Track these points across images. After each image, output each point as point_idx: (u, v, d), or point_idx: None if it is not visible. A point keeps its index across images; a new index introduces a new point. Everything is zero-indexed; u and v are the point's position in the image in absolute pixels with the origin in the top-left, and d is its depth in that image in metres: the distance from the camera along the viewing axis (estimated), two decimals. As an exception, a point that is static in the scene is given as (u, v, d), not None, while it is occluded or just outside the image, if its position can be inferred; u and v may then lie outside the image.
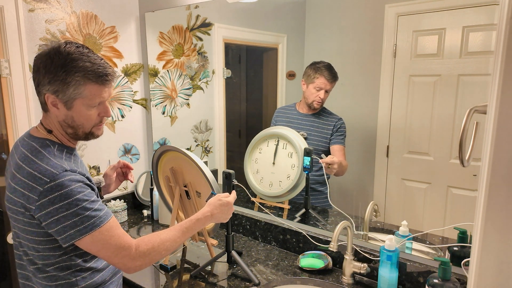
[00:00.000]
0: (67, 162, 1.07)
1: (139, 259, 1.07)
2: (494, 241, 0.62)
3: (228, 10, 1.87)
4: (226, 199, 1.30)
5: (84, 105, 1.07)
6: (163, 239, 1.13)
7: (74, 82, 1.03)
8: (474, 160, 0.76)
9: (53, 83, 1.03)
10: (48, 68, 1.02)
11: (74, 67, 1.02)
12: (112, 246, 1.04)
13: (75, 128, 1.10)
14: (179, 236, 1.17)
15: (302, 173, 1.67)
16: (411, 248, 1.40)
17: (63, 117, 1.08)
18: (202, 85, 2.06)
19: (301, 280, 1.49)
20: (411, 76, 1.38)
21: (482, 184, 0.63)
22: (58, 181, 1.00)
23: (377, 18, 1.42)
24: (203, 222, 1.24)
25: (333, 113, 1.65)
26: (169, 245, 1.14)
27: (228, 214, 1.31)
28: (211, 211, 1.26)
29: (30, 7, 1.77)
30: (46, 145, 1.08)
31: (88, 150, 2.06)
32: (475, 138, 0.75)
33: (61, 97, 1.04)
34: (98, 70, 1.05)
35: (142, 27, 2.23)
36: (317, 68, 1.62)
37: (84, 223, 1.01)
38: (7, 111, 1.77)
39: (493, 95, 0.60)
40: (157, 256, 1.11)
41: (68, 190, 1.00)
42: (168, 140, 2.26)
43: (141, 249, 1.07)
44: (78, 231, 1.01)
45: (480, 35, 1.21)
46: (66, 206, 1.00)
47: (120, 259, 1.05)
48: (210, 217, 1.26)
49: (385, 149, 1.48)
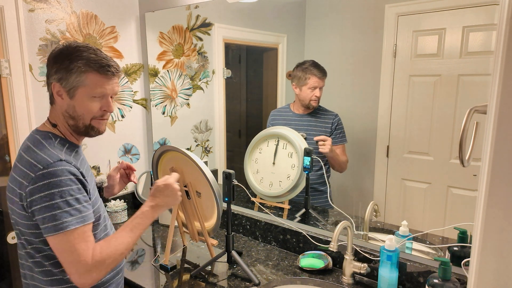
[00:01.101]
0: (66, 155, 1.08)
1: (95, 270, 1.03)
2: (494, 241, 0.62)
3: (228, 10, 1.87)
4: (162, 182, 1.25)
5: (86, 95, 1.09)
6: (115, 243, 1.09)
7: (76, 69, 1.06)
8: (474, 160, 0.76)
9: (58, 71, 1.08)
10: (57, 59, 1.08)
11: (78, 56, 1.07)
12: (76, 252, 1.01)
13: (75, 119, 1.12)
14: (130, 236, 1.13)
15: (302, 173, 1.67)
16: (411, 248, 1.40)
17: (66, 107, 1.11)
18: (202, 85, 2.06)
19: (301, 280, 1.49)
20: (411, 76, 1.38)
21: (482, 184, 0.63)
22: (51, 169, 1.01)
23: (377, 18, 1.42)
24: (150, 212, 1.19)
25: (329, 110, 1.65)
26: (123, 248, 1.10)
27: (173, 195, 1.26)
28: (152, 198, 1.23)
29: (30, 7, 1.77)
30: (48, 137, 1.10)
31: (88, 150, 2.06)
32: (475, 138, 0.75)
33: (65, 85, 1.08)
34: (101, 61, 1.09)
35: (142, 27, 2.23)
36: (305, 69, 1.63)
37: (61, 219, 1.00)
38: (7, 111, 1.77)
39: (493, 95, 0.60)
40: (113, 262, 1.07)
41: (57, 180, 1.00)
42: (168, 140, 2.26)
43: (96, 258, 1.03)
44: (54, 226, 1.00)
45: (480, 35, 1.21)
46: (50, 196, 1.00)
47: (77, 269, 1.01)
48: (155, 206, 1.21)
49: (385, 149, 1.48)
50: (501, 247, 0.62)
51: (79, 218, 1.02)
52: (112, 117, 2.16)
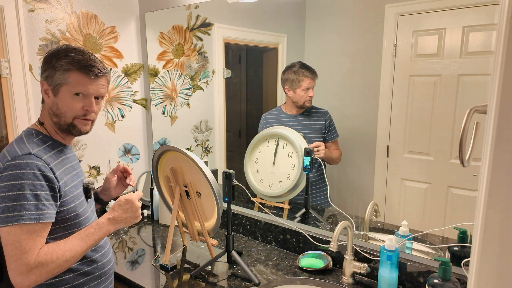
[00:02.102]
0: (42, 150, 1.09)
1: (36, 272, 1.00)
2: (494, 241, 0.62)
3: (228, 10, 1.87)
4: (124, 197, 1.20)
5: (68, 92, 1.11)
6: (63, 249, 1.05)
7: (60, 66, 1.10)
8: (474, 160, 0.76)
9: (46, 70, 1.12)
10: (47, 59, 1.12)
11: (65, 55, 1.11)
12: (20, 248, 0.99)
13: (58, 117, 1.14)
14: (79, 245, 1.09)
15: (302, 173, 1.67)
16: (411, 248, 1.40)
17: (51, 104, 1.14)
18: (202, 85, 2.06)
19: (301, 280, 1.49)
20: (411, 76, 1.37)
21: (482, 184, 0.63)
22: (16, 162, 1.01)
23: (377, 18, 1.42)
24: (106, 225, 1.15)
25: (319, 108, 1.66)
26: (69, 255, 1.06)
27: (132, 212, 1.19)
28: (111, 211, 1.18)
29: (30, 7, 1.77)
30: (31, 133, 1.13)
31: (88, 150, 2.06)
32: (475, 138, 0.75)
33: (50, 82, 1.11)
34: (86, 61, 1.11)
35: (142, 27, 2.23)
36: (296, 72, 1.64)
37: (14, 212, 0.98)
38: (7, 111, 1.77)
39: (493, 95, 0.60)
40: (56, 268, 1.04)
41: (20, 172, 1.00)
42: (168, 140, 2.26)
43: (39, 259, 1.00)
44: (6, 217, 0.99)
45: (480, 35, 1.21)
46: (9, 187, 0.99)
47: (17, 265, 0.99)
48: (113, 219, 1.16)
49: (385, 149, 1.48)
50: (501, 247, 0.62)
51: (34, 214, 1.00)
52: (112, 117, 2.16)
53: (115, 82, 2.14)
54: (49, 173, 1.05)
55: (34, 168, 1.02)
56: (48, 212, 1.04)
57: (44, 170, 1.04)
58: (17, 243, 0.99)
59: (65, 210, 1.11)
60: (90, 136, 2.05)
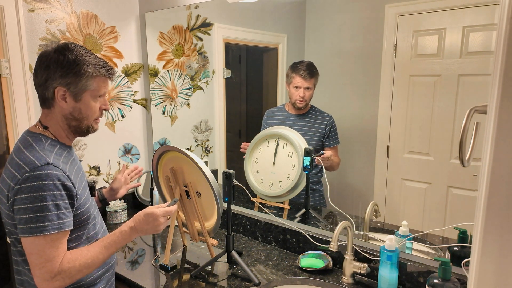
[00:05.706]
0: (56, 156, 1.09)
1: (59, 278, 1.04)
2: (494, 241, 0.62)
3: (228, 10, 1.87)
4: (150, 209, 1.20)
5: (92, 97, 1.14)
6: (86, 256, 1.10)
7: (87, 74, 1.10)
8: (474, 160, 0.76)
9: (65, 76, 1.09)
10: (61, 62, 1.09)
11: (86, 61, 1.11)
12: (44, 256, 1.03)
13: (80, 121, 1.16)
14: (102, 252, 1.13)
15: (302, 173, 1.67)
16: (411, 248, 1.40)
17: (71, 110, 1.14)
18: (202, 85, 2.06)
19: (301, 280, 1.49)
20: (411, 76, 1.38)
21: (482, 184, 0.63)
22: (36, 173, 1.02)
23: (377, 18, 1.42)
24: (128, 234, 1.17)
25: (323, 111, 1.66)
26: (91, 263, 1.10)
27: (154, 225, 1.19)
28: (134, 221, 1.19)
29: (30, 7, 1.77)
30: (39, 139, 1.12)
31: (88, 150, 2.06)
32: (475, 138, 0.75)
33: (72, 89, 1.11)
34: (105, 65, 1.15)
35: (142, 27, 2.23)
36: (294, 68, 1.65)
37: (38, 223, 1.01)
38: (7, 111, 1.77)
39: (493, 95, 0.60)
40: (78, 274, 1.08)
41: (41, 184, 1.02)
42: (168, 140, 2.26)
43: (62, 267, 1.05)
44: (30, 228, 1.01)
45: (480, 35, 1.21)
46: (31, 199, 1.01)
47: (41, 273, 1.03)
48: (134, 228, 1.18)
49: (385, 149, 1.48)
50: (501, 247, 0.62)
51: (56, 224, 1.03)
52: (112, 117, 2.16)
53: (115, 82, 2.14)
54: (67, 181, 1.07)
55: (54, 178, 1.04)
56: (68, 220, 1.08)
57: (63, 179, 1.06)
58: (41, 252, 1.03)
59: (80, 213, 1.14)
60: (90, 136, 2.04)
